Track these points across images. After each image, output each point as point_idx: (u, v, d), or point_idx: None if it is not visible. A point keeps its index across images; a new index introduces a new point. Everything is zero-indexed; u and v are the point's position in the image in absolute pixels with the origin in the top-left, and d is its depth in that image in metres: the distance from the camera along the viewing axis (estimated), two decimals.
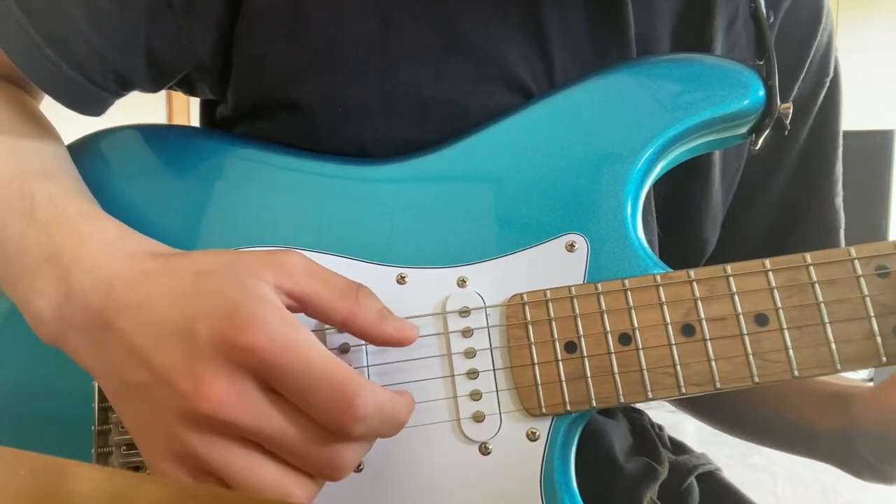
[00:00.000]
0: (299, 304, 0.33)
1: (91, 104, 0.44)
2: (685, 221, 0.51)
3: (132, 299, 0.33)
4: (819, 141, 0.55)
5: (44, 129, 0.45)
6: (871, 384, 0.45)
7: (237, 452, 0.31)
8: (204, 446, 0.31)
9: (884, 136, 1.98)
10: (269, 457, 0.32)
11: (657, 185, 0.45)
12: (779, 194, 0.56)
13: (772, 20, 0.47)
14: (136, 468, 0.40)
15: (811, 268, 0.37)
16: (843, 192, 0.57)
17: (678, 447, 0.59)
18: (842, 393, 0.47)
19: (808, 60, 0.52)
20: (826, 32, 0.53)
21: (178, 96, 2.61)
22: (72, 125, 0.49)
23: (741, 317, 0.37)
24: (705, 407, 0.62)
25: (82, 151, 0.46)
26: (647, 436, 0.56)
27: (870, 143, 1.95)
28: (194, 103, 0.55)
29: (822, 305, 0.37)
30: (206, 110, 0.53)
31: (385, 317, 0.35)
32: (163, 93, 0.48)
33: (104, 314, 0.34)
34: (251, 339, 0.30)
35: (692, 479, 0.55)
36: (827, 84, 0.54)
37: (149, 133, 0.46)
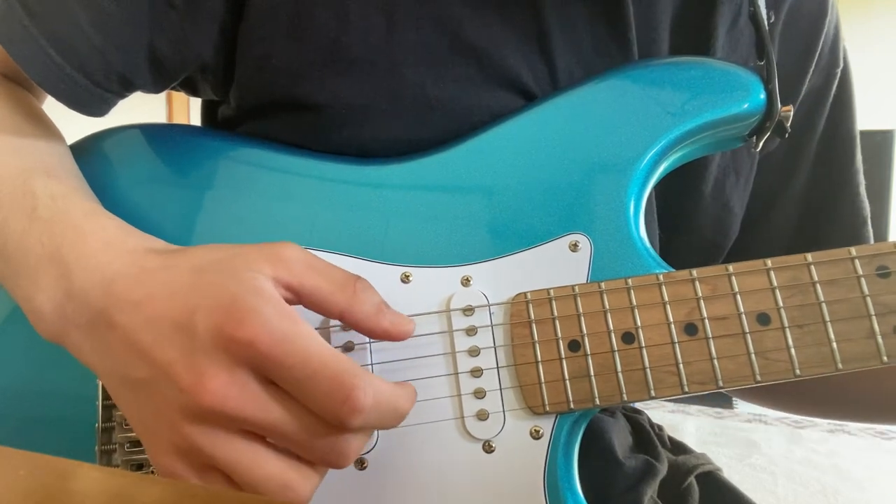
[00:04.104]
0: (297, 297, 0.34)
1: (94, 105, 0.44)
2: (683, 221, 0.51)
3: (132, 295, 0.33)
4: (837, 132, 0.55)
5: (46, 129, 0.45)
6: None
7: (240, 445, 0.31)
8: (207, 440, 0.31)
9: (884, 136, 1.98)
10: (272, 449, 0.32)
11: (656, 186, 0.45)
12: (801, 191, 0.55)
13: (773, 20, 0.47)
14: (140, 466, 0.40)
15: (812, 267, 0.37)
16: None
17: (678, 447, 0.59)
18: None
19: (817, 53, 0.52)
20: (832, 24, 0.53)
21: (179, 96, 2.61)
22: (72, 124, 0.49)
23: (743, 316, 0.37)
24: (786, 395, 0.59)
25: (84, 151, 0.46)
26: (646, 435, 0.56)
27: (870, 143, 1.94)
28: (194, 103, 0.55)
29: (824, 305, 0.37)
30: (208, 111, 0.53)
31: (382, 311, 0.35)
32: (163, 93, 0.48)
33: (105, 311, 0.34)
34: (250, 333, 0.30)
35: (692, 479, 0.55)
36: (838, 75, 0.54)
37: (151, 133, 0.47)
